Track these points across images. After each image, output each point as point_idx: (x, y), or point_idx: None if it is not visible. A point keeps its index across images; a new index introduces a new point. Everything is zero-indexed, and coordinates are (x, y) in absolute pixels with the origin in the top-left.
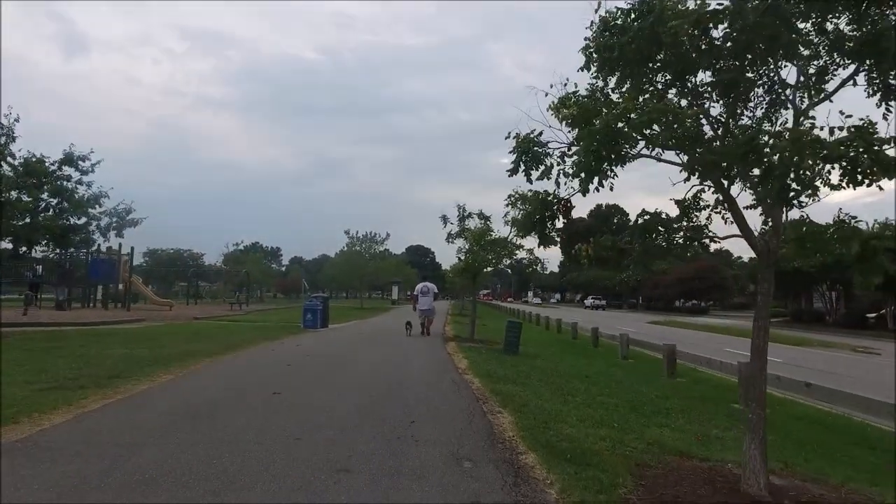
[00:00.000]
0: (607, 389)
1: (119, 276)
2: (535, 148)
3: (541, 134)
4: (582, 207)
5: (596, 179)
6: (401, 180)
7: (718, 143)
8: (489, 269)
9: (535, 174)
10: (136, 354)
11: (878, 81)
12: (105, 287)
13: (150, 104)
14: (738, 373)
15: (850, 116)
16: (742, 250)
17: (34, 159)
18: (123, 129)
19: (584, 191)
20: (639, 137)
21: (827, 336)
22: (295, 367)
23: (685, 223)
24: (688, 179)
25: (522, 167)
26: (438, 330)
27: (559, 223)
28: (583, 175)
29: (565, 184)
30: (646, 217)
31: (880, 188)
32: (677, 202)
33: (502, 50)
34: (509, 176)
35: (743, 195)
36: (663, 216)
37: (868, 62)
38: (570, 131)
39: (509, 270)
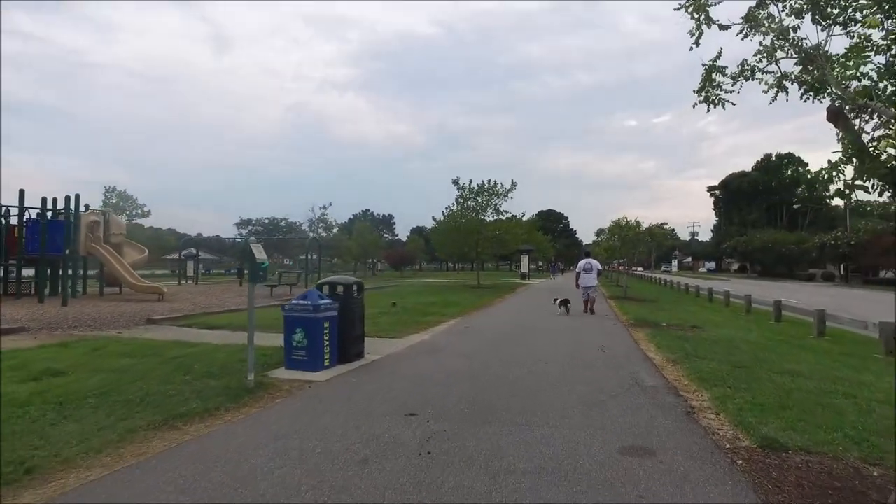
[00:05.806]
0: None
1: (79, 245)
2: None
3: None
4: (746, 157)
5: None
6: (524, 149)
7: None
8: None
9: None
10: None
11: None
12: (56, 264)
13: (284, 91)
14: None
15: None
16: None
17: None
18: (264, 117)
19: None
20: None
21: None
22: None
23: None
24: None
25: None
26: (643, 375)
27: None
28: None
29: None
30: None
31: None
32: None
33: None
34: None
35: None
36: None
37: None
38: None
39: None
